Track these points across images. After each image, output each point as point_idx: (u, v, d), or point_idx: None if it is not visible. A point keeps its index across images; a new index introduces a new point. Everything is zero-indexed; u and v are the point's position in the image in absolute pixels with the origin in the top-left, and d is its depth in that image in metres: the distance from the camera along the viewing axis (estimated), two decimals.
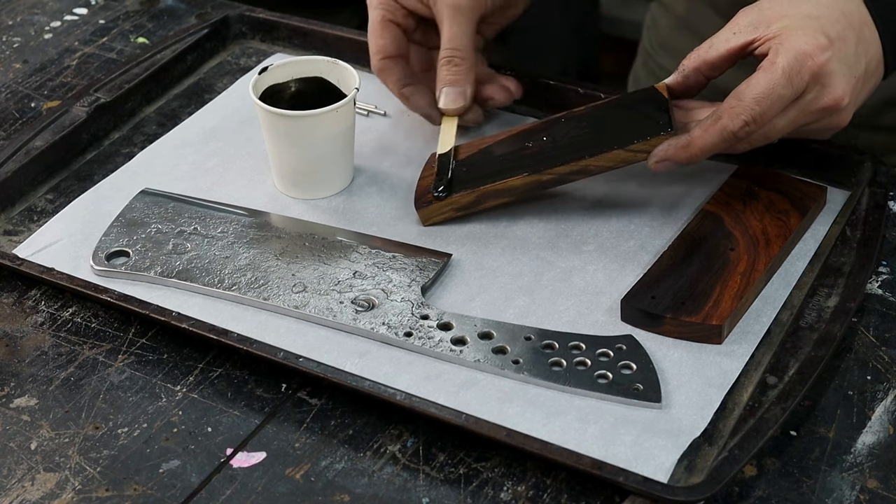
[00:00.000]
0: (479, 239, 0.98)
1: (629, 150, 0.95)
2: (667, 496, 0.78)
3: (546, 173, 0.96)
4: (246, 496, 0.80)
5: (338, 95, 1.01)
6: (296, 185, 1.01)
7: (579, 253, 0.96)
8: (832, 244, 0.95)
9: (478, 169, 0.99)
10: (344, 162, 1.01)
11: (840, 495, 0.79)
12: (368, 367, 0.87)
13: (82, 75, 1.18)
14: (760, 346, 0.88)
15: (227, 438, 0.84)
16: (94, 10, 1.27)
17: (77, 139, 1.08)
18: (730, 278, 0.91)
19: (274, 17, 1.20)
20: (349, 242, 0.97)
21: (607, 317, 0.91)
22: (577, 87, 1.09)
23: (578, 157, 0.96)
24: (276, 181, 1.02)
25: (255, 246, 0.96)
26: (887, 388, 0.86)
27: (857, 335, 0.89)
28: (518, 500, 0.80)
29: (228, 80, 1.16)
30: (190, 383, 0.88)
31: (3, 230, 1.00)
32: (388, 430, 0.84)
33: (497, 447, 0.82)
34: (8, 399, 0.87)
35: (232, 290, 0.93)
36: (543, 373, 0.86)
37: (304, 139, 0.99)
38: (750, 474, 0.81)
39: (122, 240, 0.97)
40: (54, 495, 0.81)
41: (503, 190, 0.97)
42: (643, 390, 0.84)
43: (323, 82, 1.02)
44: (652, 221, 0.99)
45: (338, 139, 1.00)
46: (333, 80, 1.02)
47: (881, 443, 0.82)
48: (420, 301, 0.91)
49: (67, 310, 0.94)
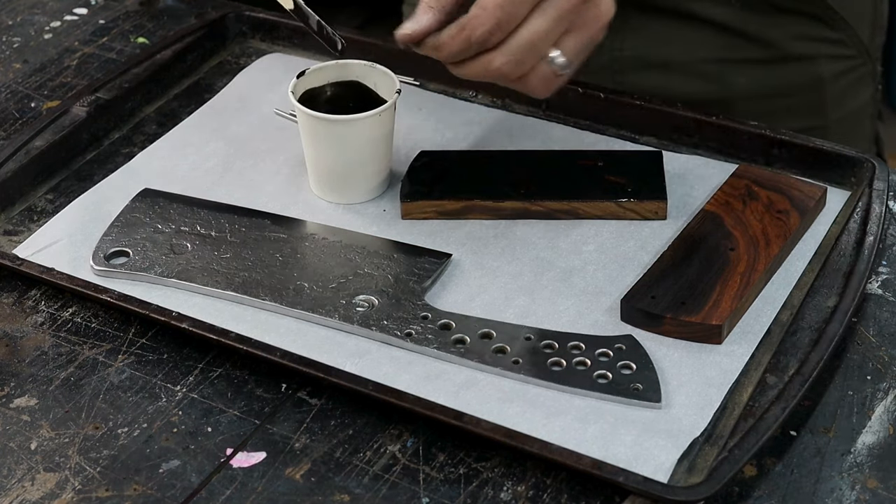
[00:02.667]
0: (479, 239, 0.98)
1: (621, 205, 0.98)
2: (667, 496, 0.78)
3: (536, 204, 0.98)
4: (246, 496, 0.80)
5: (373, 98, 1.01)
6: (333, 188, 1.01)
7: (579, 253, 0.96)
8: (832, 244, 0.95)
9: (470, 175, 1.00)
10: (382, 166, 1.01)
11: (840, 495, 0.79)
12: (368, 367, 0.87)
13: (82, 75, 1.18)
14: (760, 346, 0.88)
15: (227, 438, 0.84)
16: (94, 10, 1.27)
17: (77, 139, 1.08)
18: (730, 278, 0.91)
19: (274, 17, 1.20)
20: (349, 242, 0.97)
21: (607, 317, 0.91)
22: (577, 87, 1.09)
23: (572, 198, 0.98)
24: (313, 185, 1.02)
25: (255, 246, 0.96)
26: (887, 388, 0.86)
27: (857, 335, 0.89)
28: (518, 500, 0.80)
29: (228, 80, 1.16)
30: (190, 383, 0.88)
31: (3, 230, 1.00)
32: (388, 430, 0.84)
33: (497, 447, 0.82)
34: (8, 399, 0.87)
35: (232, 290, 0.93)
36: (543, 373, 0.86)
37: (344, 143, 0.99)
38: (750, 474, 0.81)
39: (123, 240, 0.97)
40: (54, 495, 0.81)
41: (492, 208, 0.99)
42: (643, 390, 0.84)
43: (359, 86, 1.02)
44: (652, 222, 0.99)
45: (378, 143, 1.00)
46: (370, 84, 1.02)
47: (881, 443, 0.82)
48: (420, 301, 0.91)
49: (67, 310, 0.94)
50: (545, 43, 0.90)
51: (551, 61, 0.91)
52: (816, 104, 1.23)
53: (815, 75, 1.21)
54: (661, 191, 0.99)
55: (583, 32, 0.91)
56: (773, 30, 1.19)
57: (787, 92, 1.21)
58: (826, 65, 1.21)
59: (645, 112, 1.07)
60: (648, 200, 0.98)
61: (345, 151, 0.99)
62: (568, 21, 0.90)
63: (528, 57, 0.90)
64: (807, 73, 1.21)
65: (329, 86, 1.03)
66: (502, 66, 0.90)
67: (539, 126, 1.09)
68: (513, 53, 0.90)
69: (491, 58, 0.90)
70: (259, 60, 1.17)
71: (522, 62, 0.90)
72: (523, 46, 0.90)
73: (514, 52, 0.90)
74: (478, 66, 0.91)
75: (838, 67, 1.22)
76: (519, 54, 0.90)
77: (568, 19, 0.90)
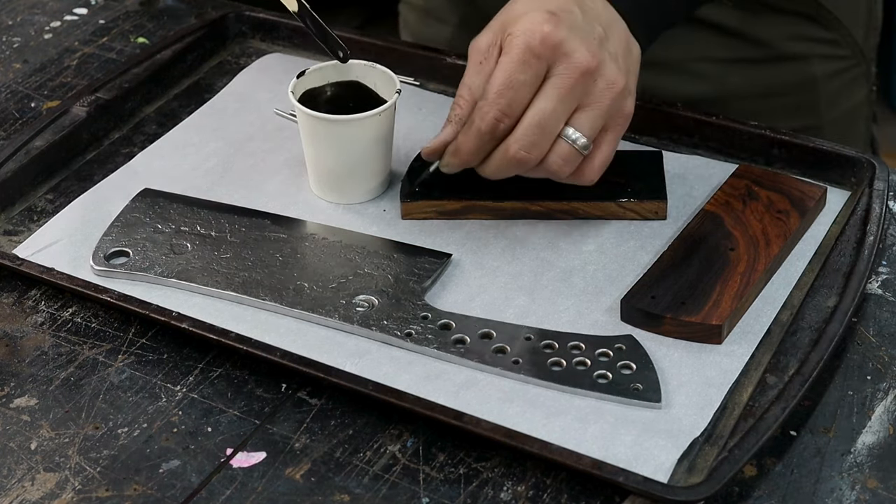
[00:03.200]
0: (479, 239, 0.98)
1: (621, 205, 0.98)
2: (667, 496, 0.78)
3: (536, 204, 0.98)
4: (246, 496, 0.80)
5: (373, 98, 1.01)
6: (333, 188, 1.01)
7: (579, 253, 0.96)
8: (832, 244, 0.95)
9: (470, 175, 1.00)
10: (382, 166, 1.01)
11: (840, 495, 0.79)
12: (368, 367, 0.87)
13: (82, 75, 1.18)
14: (760, 346, 0.88)
15: (227, 438, 0.84)
16: (94, 10, 1.27)
17: (77, 139, 1.08)
18: (730, 278, 0.91)
19: (274, 17, 1.20)
20: (349, 242, 0.97)
21: (607, 317, 0.91)
22: None
23: (571, 198, 0.98)
24: (313, 185, 1.02)
25: (255, 246, 0.96)
26: (887, 388, 0.86)
27: (857, 335, 0.89)
28: (518, 500, 0.80)
29: (228, 80, 1.16)
30: (190, 383, 0.88)
31: (3, 230, 1.00)
32: (388, 430, 0.84)
33: (497, 447, 0.82)
34: (8, 399, 0.87)
35: (232, 290, 0.93)
36: (543, 373, 0.86)
37: (344, 143, 0.99)
38: (750, 474, 0.81)
39: (122, 240, 0.97)
40: (54, 495, 0.81)
41: (492, 208, 0.99)
42: (643, 390, 0.84)
43: (359, 86, 1.02)
44: (652, 222, 0.99)
45: (378, 143, 1.00)
46: (370, 84, 1.02)
47: (881, 443, 0.82)
48: (420, 301, 0.91)
49: (67, 310, 0.94)
50: (555, 122, 0.91)
51: (571, 140, 0.92)
52: (810, 104, 1.23)
53: (809, 75, 1.22)
54: (661, 191, 0.99)
55: (595, 106, 0.92)
56: (768, 29, 1.19)
57: (780, 91, 1.22)
58: (819, 65, 1.22)
59: (645, 112, 1.06)
60: (648, 200, 0.98)
61: (345, 151, 0.99)
62: (574, 98, 0.91)
63: (541, 139, 0.91)
64: (800, 72, 1.21)
65: (329, 86, 1.03)
66: (518, 151, 0.91)
67: None
68: (525, 137, 0.91)
69: (506, 146, 0.92)
70: (259, 60, 1.17)
71: (537, 144, 0.91)
72: (533, 128, 0.91)
73: (526, 136, 0.91)
74: (497, 159, 0.93)
75: (832, 67, 1.22)
76: (531, 136, 0.91)
77: (573, 96, 0.91)
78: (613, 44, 0.93)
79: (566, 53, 0.90)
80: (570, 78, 0.90)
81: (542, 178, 0.94)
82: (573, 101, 0.91)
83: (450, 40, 1.29)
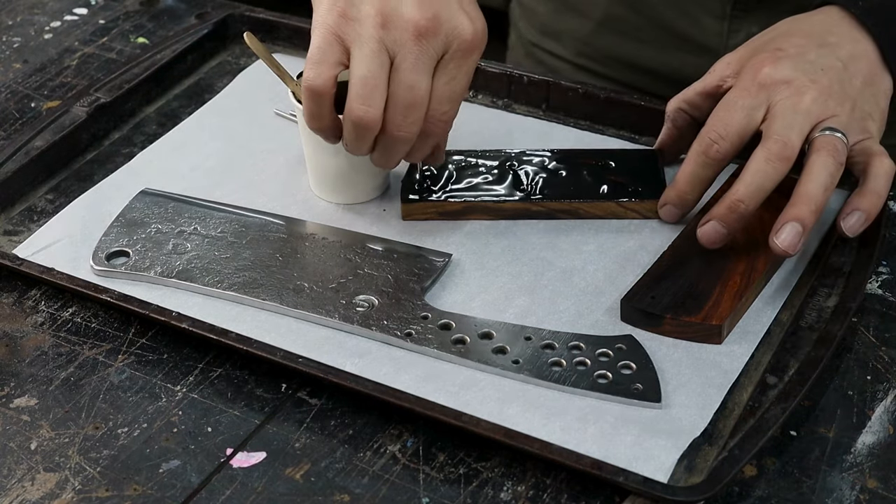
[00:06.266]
0: (479, 239, 0.98)
1: (621, 204, 0.98)
2: (667, 496, 0.78)
3: (536, 204, 0.98)
4: (246, 496, 0.80)
5: None
6: (333, 188, 1.01)
7: (579, 253, 0.96)
8: (832, 244, 0.95)
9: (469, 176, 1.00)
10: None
11: (840, 495, 0.79)
12: (368, 367, 0.87)
13: (82, 75, 1.18)
14: (760, 346, 0.88)
15: (227, 438, 0.84)
16: (94, 10, 1.27)
17: (77, 139, 1.08)
18: (730, 278, 0.91)
19: (274, 17, 1.20)
20: (349, 242, 0.97)
21: (607, 317, 0.91)
22: (578, 87, 1.09)
23: (572, 198, 0.98)
24: (313, 185, 1.02)
25: (255, 246, 0.96)
26: (887, 388, 0.86)
27: (857, 335, 0.89)
28: (518, 500, 0.80)
29: (228, 80, 1.16)
30: (190, 383, 0.88)
31: (3, 230, 1.00)
32: (388, 430, 0.84)
33: (497, 447, 0.82)
34: (8, 399, 0.87)
35: (232, 290, 0.93)
36: (543, 373, 0.86)
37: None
38: (750, 474, 0.81)
39: (122, 240, 0.97)
40: (54, 495, 0.81)
41: (492, 208, 0.99)
42: (643, 390, 0.84)
43: None
44: (652, 221, 0.99)
45: None
46: None
47: (881, 443, 0.82)
48: (420, 301, 0.91)
49: (67, 310, 0.94)
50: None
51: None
52: None
53: None
54: (661, 191, 0.99)
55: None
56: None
57: None
58: None
59: (645, 112, 1.07)
60: (648, 200, 0.98)
61: (345, 151, 0.99)
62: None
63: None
64: None
65: None
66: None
67: (539, 126, 1.09)
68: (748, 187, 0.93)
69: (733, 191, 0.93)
70: (259, 60, 1.17)
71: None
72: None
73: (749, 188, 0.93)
74: (726, 212, 0.93)
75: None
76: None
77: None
78: (878, 102, 0.96)
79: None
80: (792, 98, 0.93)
81: (541, 178, 0.94)
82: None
83: (587, 37, 1.28)
